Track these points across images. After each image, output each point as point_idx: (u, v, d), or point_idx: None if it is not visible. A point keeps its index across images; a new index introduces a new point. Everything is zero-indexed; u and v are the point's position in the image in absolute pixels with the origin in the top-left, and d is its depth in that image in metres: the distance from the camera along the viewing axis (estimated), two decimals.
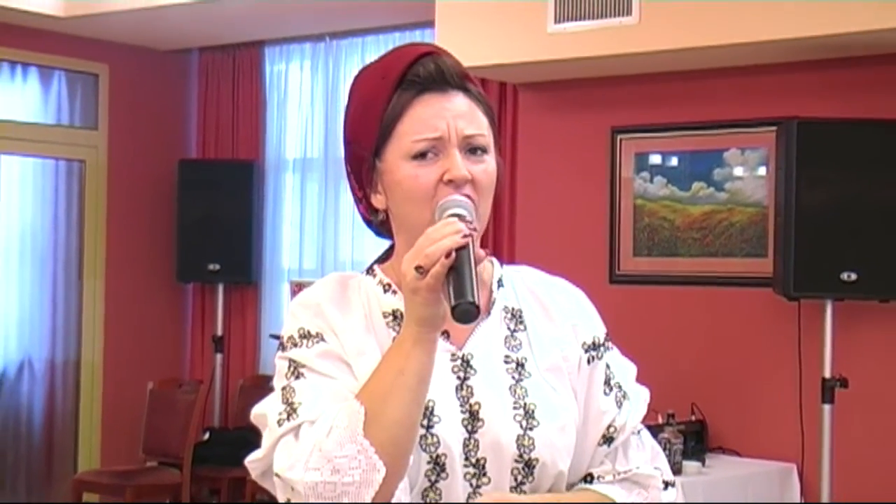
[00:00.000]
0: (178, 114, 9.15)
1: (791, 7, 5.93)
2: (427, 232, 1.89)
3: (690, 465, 6.03)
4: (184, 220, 8.63)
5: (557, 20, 6.58)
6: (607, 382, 2.14)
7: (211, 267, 8.61)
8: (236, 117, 8.87)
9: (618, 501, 2.08)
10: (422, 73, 2.01)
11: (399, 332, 2.00)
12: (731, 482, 6.19)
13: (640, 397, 2.18)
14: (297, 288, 6.44)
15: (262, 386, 8.52)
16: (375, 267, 2.13)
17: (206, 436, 8.29)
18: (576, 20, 6.52)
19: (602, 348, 2.16)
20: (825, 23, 5.87)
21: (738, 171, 6.79)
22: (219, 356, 8.77)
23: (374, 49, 8.20)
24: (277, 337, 2.05)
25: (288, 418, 1.92)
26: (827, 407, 6.14)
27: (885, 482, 6.33)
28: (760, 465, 6.44)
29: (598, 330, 2.18)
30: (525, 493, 2.02)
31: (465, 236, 1.87)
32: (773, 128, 6.35)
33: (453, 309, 1.87)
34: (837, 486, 6.17)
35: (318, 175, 8.55)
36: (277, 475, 1.91)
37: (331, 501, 1.83)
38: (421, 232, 1.91)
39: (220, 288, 8.82)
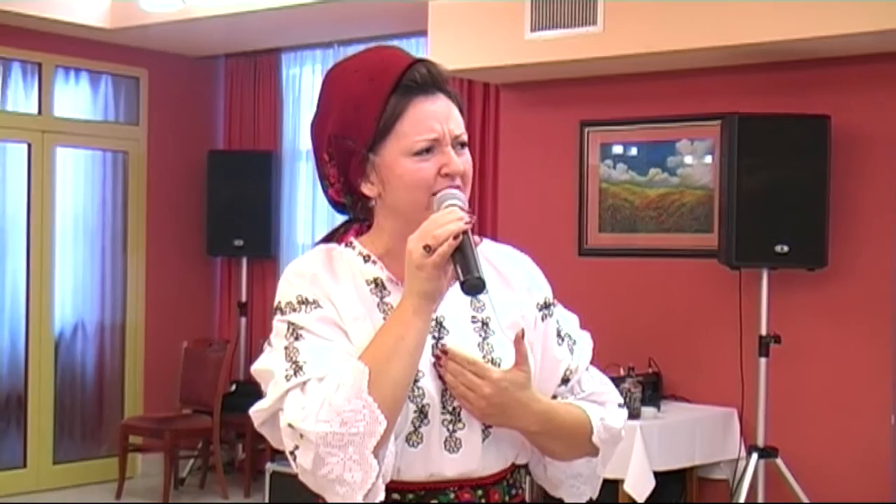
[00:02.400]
0: (207, 111, 9.13)
1: (732, 19, 5.95)
2: (433, 217, 1.89)
3: (647, 411, 6.05)
4: (212, 203, 8.63)
5: (533, 29, 6.59)
6: (559, 334, 2.13)
7: (236, 242, 8.60)
8: (257, 114, 8.85)
9: (587, 412, 2.07)
10: (417, 78, 1.98)
11: (381, 298, 2.00)
12: (681, 425, 6.21)
13: (585, 341, 2.17)
14: None
15: None
16: (353, 240, 2.08)
17: (233, 387, 8.32)
18: (549, 29, 6.53)
19: (551, 307, 2.14)
20: (760, 32, 5.90)
21: (688, 159, 6.79)
22: (243, 319, 8.78)
23: None
24: None
25: (295, 374, 1.89)
26: (763, 360, 6.19)
27: (811, 423, 6.37)
28: (707, 410, 6.45)
29: (547, 291, 2.16)
30: (490, 432, 2.02)
31: (468, 223, 1.88)
32: (718, 122, 6.36)
33: (463, 283, 1.87)
34: (771, 427, 6.20)
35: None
36: (290, 425, 1.86)
37: (338, 449, 1.81)
38: (415, 217, 1.92)
39: (244, 261, 8.81)
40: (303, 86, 8.70)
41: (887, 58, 6.09)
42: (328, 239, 2.11)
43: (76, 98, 8.46)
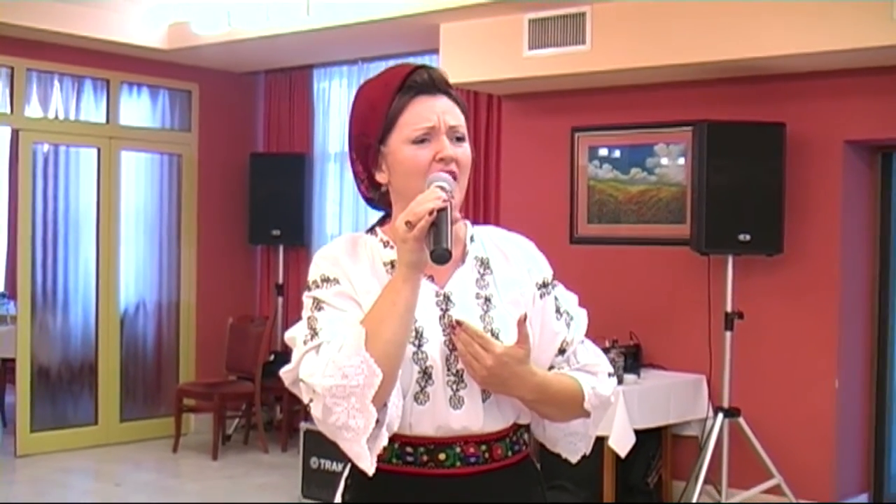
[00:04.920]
0: (249, 119, 9.11)
1: (703, 39, 5.95)
2: (417, 198, 1.89)
3: (629, 377, 6.07)
4: (253, 198, 8.62)
5: (530, 48, 6.58)
6: (557, 310, 2.11)
7: (274, 232, 8.58)
8: (292, 121, 8.82)
9: (580, 381, 2.08)
10: (418, 80, 2.00)
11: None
12: (658, 389, 6.22)
13: (582, 317, 2.16)
14: None
15: None
16: (377, 228, 2.08)
17: (272, 357, 8.27)
18: (544, 47, 6.52)
19: (550, 286, 2.13)
20: (727, 51, 5.89)
21: (664, 160, 6.78)
22: (280, 299, 8.77)
23: None
24: None
25: (311, 339, 1.90)
26: (728, 333, 6.18)
27: (768, 387, 6.38)
28: (680, 376, 6.46)
29: (547, 272, 2.13)
30: (491, 393, 2.01)
31: (445, 201, 1.86)
32: (690, 128, 6.35)
33: (431, 253, 1.85)
34: (735, 391, 6.21)
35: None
36: (302, 381, 1.89)
37: (342, 399, 1.81)
38: (414, 198, 1.91)
39: (280, 248, 8.80)
40: (332, 97, 8.68)
41: (835, 74, 6.08)
42: (369, 231, 2.12)
43: (138, 109, 8.47)
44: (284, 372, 1.97)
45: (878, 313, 6.48)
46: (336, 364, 1.83)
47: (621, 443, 5.75)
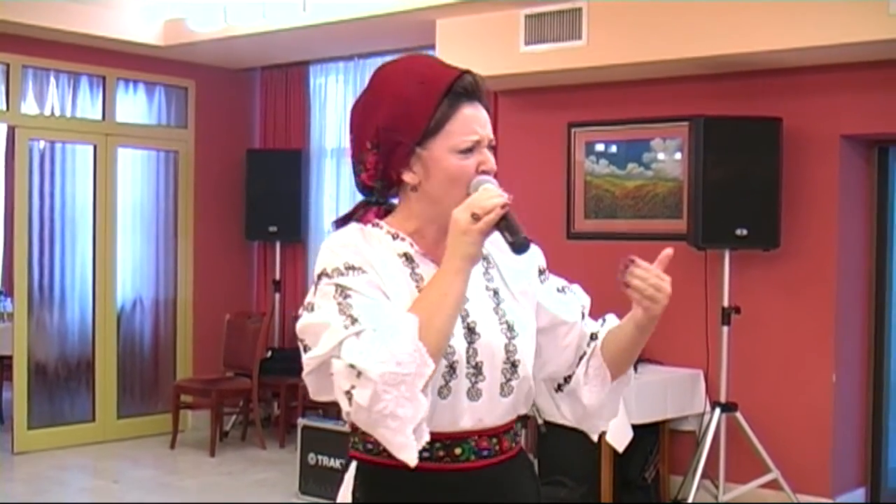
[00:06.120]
0: (245, 115, 9.12)
1: (699, 34, 5.95)
2: (476, 195, 1.91)
3: None
4: (250, 194, 8.60)
5: (527, 43, 6.59)
6: (559, 289, 2.19)
7: (271, 229, 8.57)
8: (288, 117, 8.82)
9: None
10: (466, 86, 1.99)
11: (412, 269, 1.99)
12: (656, 383, 6.23)
13: (579, 288, 2.27)
14: None
15: None
16: (379, 221, 2.04)
17: (269, 353, 8.29)
18: (541, 43, 6.53)
19: (546, 271, 2.19)
20: (723, 46, 5.89)
21: (661, 155, 6.78)
22: (277, 295, 8.76)
23: None
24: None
25: (352, 324, 1.83)
26: (725, 328, 6.19)
27: (766, 382, 6.39)
28: (677, 371, 6.46)
29: (541, 259, 2.19)
30: (512, 388, 2.01)
31: (509, 197, 1.91)
32: (686, 123, 6.35)
33: (512, 243, 1.89)
34: (732, 386, 6.22)
35: (349, 160, 8.52)
36: (351, 365, 1.80)
37: (393, 387, 1.77)
38: (449, 204, 1.93)
39: (277, 244, 8.79)
40: (328, 93, 8.69)
41: (831, 68, 6.08)
42: (347, 218, 2.08)
43: (135, 105, 8.46)
44: (310, 358, 1.90)
45: (875, 307, 6.47)
46: (389, 350, 1.78)
47: (619, 438, 5.74)
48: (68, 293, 8.12)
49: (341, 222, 2.07)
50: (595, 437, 2.27)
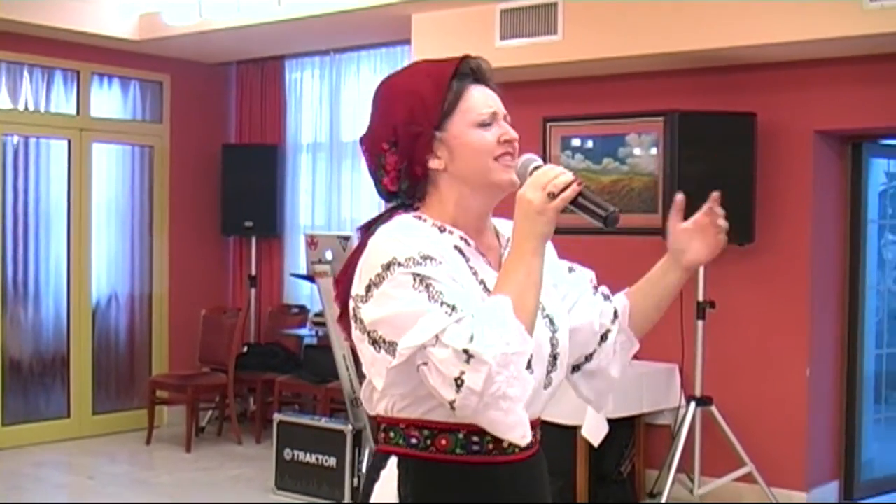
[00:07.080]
0: (221, 110, 9.08)
1: (674, 29, 5.97)
2: (544, 170, 1.92)
3: None
4: (226, 189, 8.60)
5: (503, 38, 6.59)
6: (570, 269, 2.25)
7: (246, 224, 8.58)
8: (264, 112, 8.80)
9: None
10: (472, 67, 2.05)
11: (466, 262, 1.96)
12: (631, 378, 6.16)
13: (578, 266, 2.29)
14: (311, 238, 6.31)
15: (285, 312, 8.55)
16: (423, 214, 2.01)
17: (245, 349, 8.30)
18: (516, 38, 6.53)
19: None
20: (698, 41, 5.91)
21: (636, 150, 6.79)
22: (253, 290, 8.76)
23: (366, 60, 8.17)
24: (300, 275, 1.97)
25: (453, 311, 1.79)
26: (700, 322, 6.19)
27: (740, 376, 6.42)
28: (652, 365, 6.43)
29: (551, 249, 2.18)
30: (552, 381, 2.01)
31: (575, 175, 1.91)
32: (661, 118, 6.36)
33: (605, 218, 1.89)
34: (707, 380, 6.22)
35: (325, 155, 8.50)
36: (465, 350, 1.76)
37: (503, 367, 1.75)
38: (479, 180, 1.97)
39: (253, 239, 8.78)
40: (304, 88, 8.67)
41: (805, 64, 6.11)
42: (373, 223, 2.04)
43: (109, 100, 8.41)
44: (406, 347, 1.82)
45: (849, 302, 6.51)
46: (494, 332, 1.78)
47: (594, 432, 5.76)
48: (43, 289, 8.07)
49: (367, 227, 2.04)
50: (601, 413, 2.33)
